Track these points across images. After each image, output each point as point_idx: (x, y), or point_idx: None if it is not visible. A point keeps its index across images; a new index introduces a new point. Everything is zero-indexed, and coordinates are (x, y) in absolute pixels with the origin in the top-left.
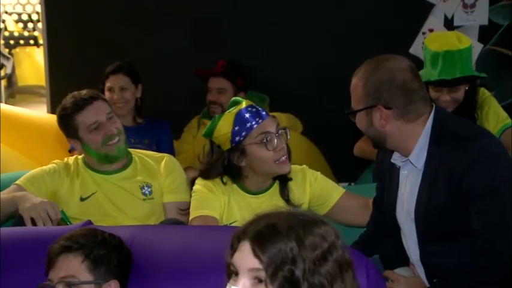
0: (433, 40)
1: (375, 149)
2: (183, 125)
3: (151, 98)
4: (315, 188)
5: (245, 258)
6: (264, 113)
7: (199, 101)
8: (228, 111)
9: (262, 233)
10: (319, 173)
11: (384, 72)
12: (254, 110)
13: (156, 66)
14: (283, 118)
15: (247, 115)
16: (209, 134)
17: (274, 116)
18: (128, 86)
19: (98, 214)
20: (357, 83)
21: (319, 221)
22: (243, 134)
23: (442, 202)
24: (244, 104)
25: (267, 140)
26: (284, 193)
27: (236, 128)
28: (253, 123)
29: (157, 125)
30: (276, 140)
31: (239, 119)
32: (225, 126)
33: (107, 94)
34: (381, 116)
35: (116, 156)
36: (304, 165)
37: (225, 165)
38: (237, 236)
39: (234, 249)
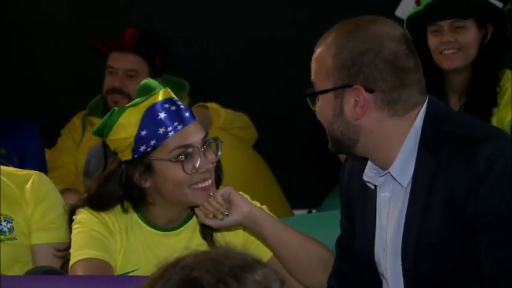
0: None
1: (338, 154)
2: (59, 126)
3: (10, 85)
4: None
5: None
6: (187, 114)
7: (84, 89)
8: (134, 102)
9: None
10: (264, 207)
11: (366, 38)
12: (174, 108)
13: (18, 37)
14: (223, 116)
15: (162, 115)
16: (101, 132)
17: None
18: None
19: None
20: (323, 52)
21: (254, 262)
22: (152, 143)
23: (440, 236)
24: (160, 96)
25: (185, 156)
26: (206, 232)
27: (143, 133)
28: (170, 129)
29: (20, 126)
30: (199, 160)
31: (150, 118)
32: (127, 125)
33: None
34: (357, 102)
35: None
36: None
37: (123, 183)
38: None
39: None
